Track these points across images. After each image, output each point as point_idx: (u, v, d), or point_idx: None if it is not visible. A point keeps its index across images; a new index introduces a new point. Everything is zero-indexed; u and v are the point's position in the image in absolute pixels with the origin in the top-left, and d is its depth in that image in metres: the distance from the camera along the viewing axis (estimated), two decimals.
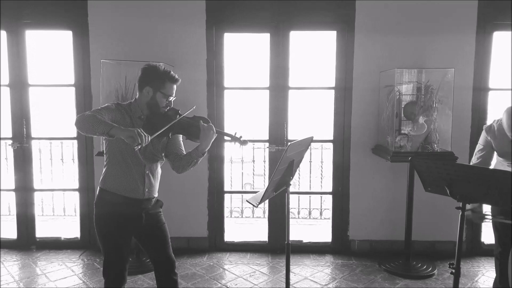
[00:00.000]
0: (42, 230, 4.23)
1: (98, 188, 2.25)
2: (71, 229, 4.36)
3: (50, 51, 4.67)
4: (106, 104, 2.22)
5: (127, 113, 2.20)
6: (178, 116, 2.22)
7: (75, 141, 4.04)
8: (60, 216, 5.34)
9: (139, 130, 1.94)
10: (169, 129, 2.16)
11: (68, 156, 5.48)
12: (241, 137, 2.24)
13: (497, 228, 2.70)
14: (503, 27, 3.73)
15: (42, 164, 5.41)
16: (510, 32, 3.71)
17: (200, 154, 2.20)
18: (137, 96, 2.26)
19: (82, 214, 4.05)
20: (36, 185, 4.14)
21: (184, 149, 2.35)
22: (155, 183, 2.31)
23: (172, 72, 2.22)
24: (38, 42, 4.20)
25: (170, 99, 2.23)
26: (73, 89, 3.91)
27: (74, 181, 4.31)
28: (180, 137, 2.36)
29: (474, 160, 2.82)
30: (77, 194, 4.08)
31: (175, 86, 2.25)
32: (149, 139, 1.97)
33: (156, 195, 2.33)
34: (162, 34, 3.74)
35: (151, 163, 2.25)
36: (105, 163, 2.25)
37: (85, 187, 3.98)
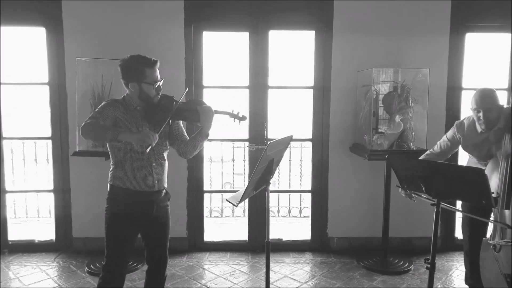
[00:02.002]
0: (15, 233, 4.10)
1: (109, 185, 2.26)
2: (46, 231, 4.23)
3: (23, 48, 4.52)
4: (102, 103, 2.20)
5: (123, 106, 2.19)
6: (174, 103, 2.19)
7: (49, 141, 3.93)
8: (34, 218, 5.18)
9: (146, 131, 1.99)
10: (169, 119, 2.16)
11: (42, 157, 5.32)
12: (238, 113, 2.27)
13: (469, 225, 2.72)
14: (474, 29, 3.85)
15: (14, 165, 5.24)
16: (507, 34, 3.81)
17: (204, 136, 2.25)
18: (127, 92, 2.24)
19: (57, 215, 3.95)
20: (8, 187, 4.02)
21: (186, 134, 2.37)
22: (163, 174, 2.32)
23: (147, 57, 2.18)
24: (10, 39, 4.06)
25: (158, 84, 2.20)
26: (47, 87, 3.81)
27: (48, 182, 4.19)
28: (181, 122, 2.37)
29: (433, 148, 2.86)
30: (52, 195, 3.97)
31: (156, 69, 2.20)
32: (157, 137, 2.01)
33: (165, 185, 2.36)
34: (140, 32, 3.68)
35: (156, 155, 2.24)
36: (111, 161, 2.25)
37: (61, 188, 3.88)
